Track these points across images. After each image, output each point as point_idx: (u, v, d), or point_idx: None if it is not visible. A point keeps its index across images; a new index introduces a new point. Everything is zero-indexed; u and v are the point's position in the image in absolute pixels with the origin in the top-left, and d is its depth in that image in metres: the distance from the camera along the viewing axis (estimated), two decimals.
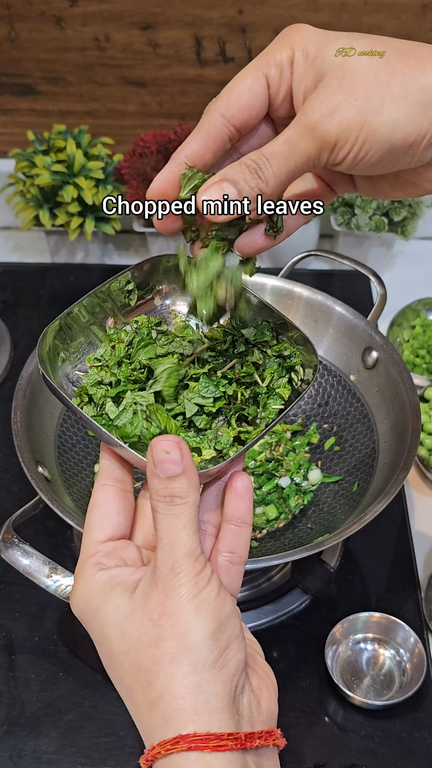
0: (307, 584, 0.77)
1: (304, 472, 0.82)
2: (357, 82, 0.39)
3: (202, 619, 0.40)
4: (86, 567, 0.43)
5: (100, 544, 0.44)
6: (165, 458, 0.40)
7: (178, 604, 0.40)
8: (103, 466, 0.46)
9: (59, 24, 1.10)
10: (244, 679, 0.41)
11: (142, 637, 0.40)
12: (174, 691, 0.39)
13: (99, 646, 0.43)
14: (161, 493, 0.41)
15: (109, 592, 0.42)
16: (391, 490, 0.67)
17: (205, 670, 0.39)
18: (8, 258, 1.23)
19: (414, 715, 0.69)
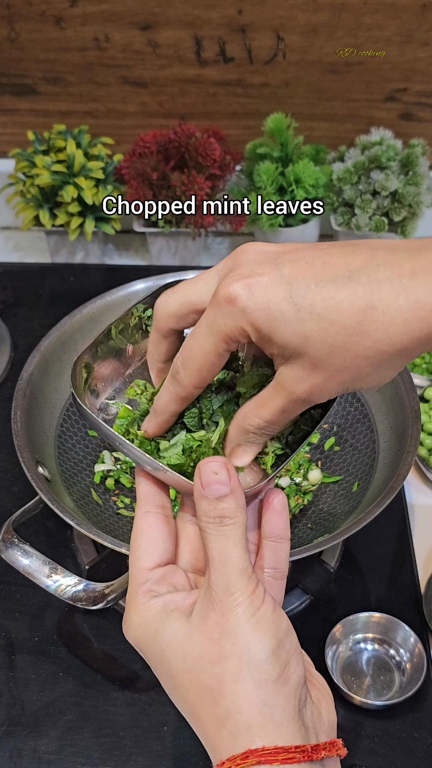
0: (307, 584, 0.77)
1: (304, 472, 0.82)
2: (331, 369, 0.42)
3: (262, 637, 0.41)
4: (138, 595, 0.44)
5: (149, 572, 0.45)
6: (213, 479, 0.42)
7: (237, 623, 0.41)
8: (142, 492, 0.47)
9: (59, 24, 1.10)
10: (306, 692, 0.43)
11: (203, 657, 0.41)
12: (241, 707, 0.40)
13: (159, 669, 0.44)
14: (210, 515, 0.42)
15: (166, 617, 0.43)
16: (391, 490, 0.67)
17: (269, 686, 0.40)
18: (8, 258, 1.23)
19: (414, 715, 0.69)
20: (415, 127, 1.17)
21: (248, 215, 1.10)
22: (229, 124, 1.18)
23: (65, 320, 0.83)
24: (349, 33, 1.08)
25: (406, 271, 0.39)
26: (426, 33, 1.07)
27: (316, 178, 1.07)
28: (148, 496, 0.47)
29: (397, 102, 1.14)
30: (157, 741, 0.68)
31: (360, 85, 1.13)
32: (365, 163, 1.07)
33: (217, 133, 1.09)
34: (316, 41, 1.09)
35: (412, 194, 1.05)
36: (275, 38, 1.09)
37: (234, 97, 1.16)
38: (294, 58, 1.11)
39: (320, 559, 0.72)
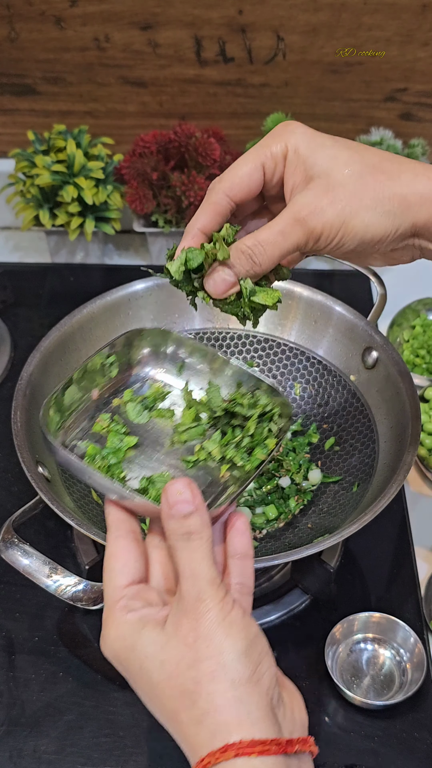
0: (307, 584, 0.77)
1: (304, 472, 0.82)
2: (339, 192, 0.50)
3: (234, 639, 0.44)
4: (115, 611, 0.46)
5: (124, 589, 0.47)
6: (179, 499, 0.45)
7: (210, 627, 0.44)
8: (112, 519, 0.49)
9: (59, 24, 1.10)
10: (278, 692, 0.45)
11: (180, 662, 0.44)
12: (218, 706, 0.43)
13: (138, 681, 0.46)
14: (178, 532, 0.46)
15: (142, 629, 0.45)
16: (390, 490, 0.67)
17: (243, 685, 0.43)
18: (8, 258, 1.23)
19: (414, 715, 0.69)
20: (415, 127, 1.17)
21: None
22: (229, 124, 1.18)
23: (65, 320, 0.83)
24: (349, 33, 1.08)
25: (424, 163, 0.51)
26: (426, 33, 1.07)
27: None
28: (118, 522, 0.49)
29: (397, 102, 1.14)
30: (157, 741, 0.68)
31: (360, 85, 1.13)
32: None
33: (217, 133, 1.09)
34: (316, 41, 1.09)
35: None
36: (275, 38, 1.09)
37: (234, 97, 1.16)
38: (294, 58, 1.11)
39: (320, 559, 0.72)
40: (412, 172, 0.50)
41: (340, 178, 0.50)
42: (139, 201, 1.07)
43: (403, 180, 0.50)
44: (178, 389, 0.62)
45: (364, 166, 0.50)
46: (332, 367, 0.85)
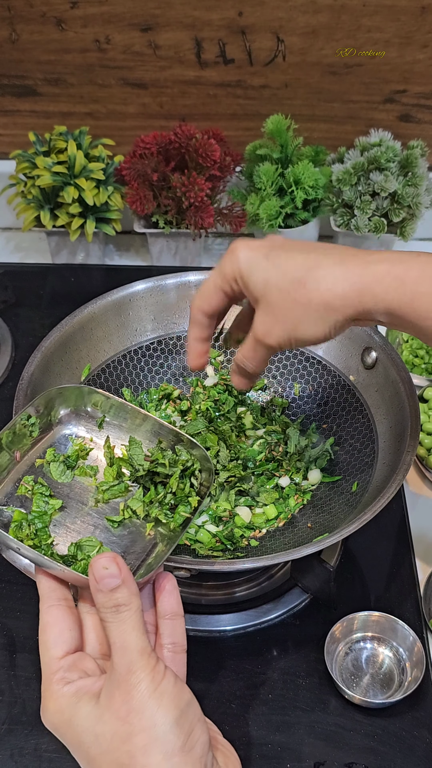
0: (307, 583, 0.77)
1: (303, 472, 0.82)
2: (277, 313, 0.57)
3: (165, 709, 0.45)
4: (52, 684, 0.47)
5: (60, 660, 0.48)
6: (105, 574, 0.47)
7: (141, 700, 0.45)
8: (43, 588, 0.51)
9: (60, 25, 1.10)
10: (212, 757, 0.46)
11: (114, 737, 0.45)
12: None
13: (77, 753, 0.47)
14: (107, 605, 0.47)
15: (77, 702, 0.46)
16: (390, 490, 0.67)
17: (176, 755, 0.44)
18: (9, 258, 1.24)
19: (413, 713, 0.70)
20: (414, 128, 1.17)
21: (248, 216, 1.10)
22: (229, 125, 1.18)
23: (66, 320, 0.83)
24: (349, 35, 1.08)
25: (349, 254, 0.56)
26: (425, 35, 1.08)
27: (315, 179, 1.07)
28: (50, 591, 0.51)
29: (397, 103, 1.15)
30: None
31: (359, 87, 1.13)
32: (365, 165, 1.07)
33: (217, 135, 1.09)
34: (316, 43, 1.09)
35: (412, 195, 1.06)
36: (275, 40, 1.10)
37: (234, 98, 1.16)
38: (294, 60, 1.11)
39: (320, 559, 0.72)
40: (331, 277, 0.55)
41: (274, 300, 0.57)
42: (140, 202, 1.08)
43: (323, 288, 0.55)
44: (100, 445, 0.64)
45: (290, 284, 0.56)
46: (332, 367, 0.86)
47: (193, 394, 0.88)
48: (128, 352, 0.87)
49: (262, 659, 0.74)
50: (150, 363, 0.88)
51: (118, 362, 0.86)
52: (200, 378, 0.90)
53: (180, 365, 0.90)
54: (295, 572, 0.77)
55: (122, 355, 0.86)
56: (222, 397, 0.87)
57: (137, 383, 0.87)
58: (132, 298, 0.86)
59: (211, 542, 0.76)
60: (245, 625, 0.76)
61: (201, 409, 0.85)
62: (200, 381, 0.89)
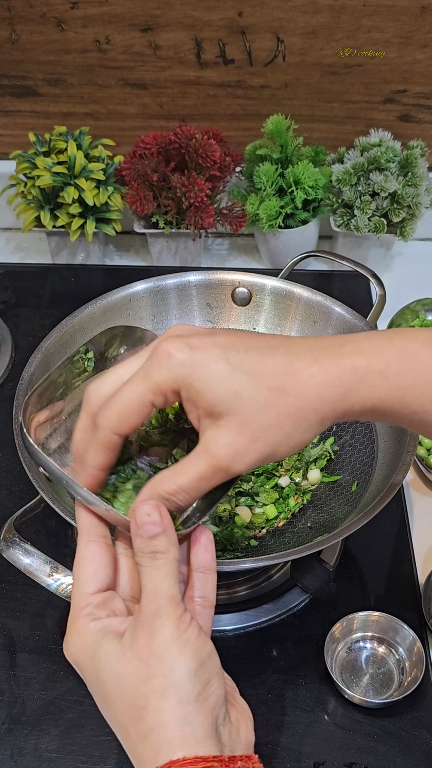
0: (307, 583, 0.77)
1: (303, 472, 0.82)
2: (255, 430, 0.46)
3: (186, 658, 0.45)
4: (80, 618, 0.48)
5: (91, 596, 0.48)
6: (147, 520, 0.46)
7: (163, 644, 0.45)
8: (83, 523, 0.50)
9: (60, 26, 1.10)
10: (225, 712, 0.46)
11: (133, 677, 0.45)
12: (164, 723, 0.44)
13: (94, 689, 0.47)
14: (145, 551, 0.47)
15: (102, 639, 0.46)
16: (390, 490, 0.67)
17: (190, 704, 0.44)
18: (9, 259, 1.24)
19: (413, 713, 0.70)
20: (414, 128, 1.17)
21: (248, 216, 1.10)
22: (229, 125, 1.18)
23: (66, 321, 0.83)
24: (349, 35, 1.08)
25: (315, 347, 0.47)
26: (425, 35, 1.08)
27: (315, 179, 1.07)
28: (90, 526, 0.50)
29: (396, 104, 1.15)
30: None
31: (359, 87, 1.13)
32: (364, 165, 1.07)
33: (217, 135, 1.09)
34: (316, 43, 1.09)
35: (412, 195, 1.06)
36: (275, 40, 1.10)
37: (234, 98, 1.16)
38: (294, 60, 1.11)
39: (320, 559, 0.72)
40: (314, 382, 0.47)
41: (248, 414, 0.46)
42: (140, 202, 1.08)
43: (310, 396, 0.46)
44: None
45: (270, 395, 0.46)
46: None
47: None
48: None
49: (262, 659, 0.74)
50: None
51: None
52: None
53: None
54: (295, 572, 0.77)
55: None
56: None
57: None
58: (132, 298, 0.87)
59: None
60: (245, 625, 0.76)
61: None
62: None
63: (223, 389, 0.45)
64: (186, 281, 0.88)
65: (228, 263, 1.19)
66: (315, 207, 1.12)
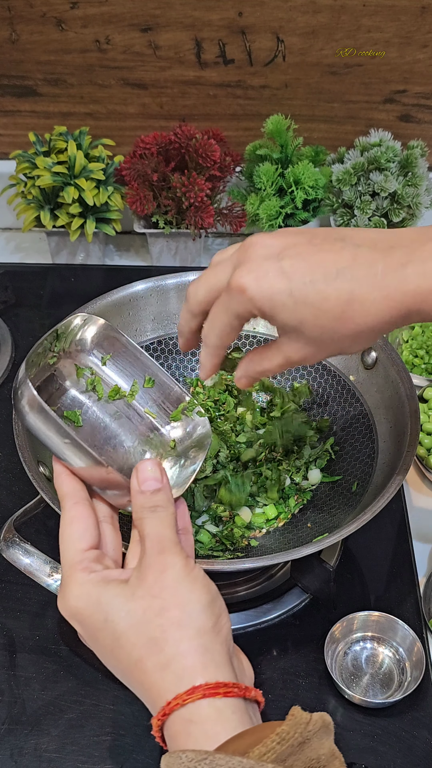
0: (307, 583, 0.77)
1: (303, 472, 0.82)
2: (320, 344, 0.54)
3: (199, 593, 0.47)
4: (77, 571, 0.49)
5: (85, 552, 0.51)
6: (149, 476, 0.51)
7: (175, 579, 0.47)
8: (68, 488, 0.54)
9: (60, 26, 1.10)
10: (233, 645, 0.49)
11: (147, 611, 0.46)
12: (184, 651, 0.45)
13: (101, 634, 0.48)
14: (146, 505, 0.50)
15: (107, 584, 0.48)
16: (390, 490, 0.67)
17: (207, 634, 0.46)
18: (9, 259, 1.24)
19: (413, 713, 0.70)
20: (414, 128, 1.17)
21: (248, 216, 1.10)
22: (229, 125, 1.18)
23: None
24: (349, 35, 1.08)
25: (379, 270, 0.49)
26: (425, 35, 1.08)
27: (315, 179, 1.07)
28: (74, 491, 0.54)
29: (396, 104, 1.15)
30: None
31: (359, 87, 1.13)
32: (364, 165, 1.07)
33: (217, 135, 1.09)
34: (316, 43, 1.09)
35: (411, 195, 1.06)
36: (275, 40, 1.10)
37: (234, 98, 1.16)
38: (293, 60, 1.11)
39: (320, 558, 0.72)
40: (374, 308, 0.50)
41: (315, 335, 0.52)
42: (140, 202, 1.08)
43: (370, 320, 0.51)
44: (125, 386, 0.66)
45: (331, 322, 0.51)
46: (332, 367, 0.86)
47: (193, 394, 0.88)
48: None
49: (262, 659, 0.74)
50: None
51: None
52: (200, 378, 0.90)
53: (180, 365, 0.90)
54: (295, 572, 0.77)
55: None
56: (222, 397, 0.87)
57: None
58: (132, 298, 0.87)
59: (211, 542, 0.76)
60: (245, 625, 0.76)
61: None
62: (200, 381, 0.89)
63: (289, 318, 0.51)
64: (186, 281, 0.88)
65: None
66: (315, 207, 1.12)
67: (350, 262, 0.50)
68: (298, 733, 0.44)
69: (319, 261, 0.50)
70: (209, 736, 0.43)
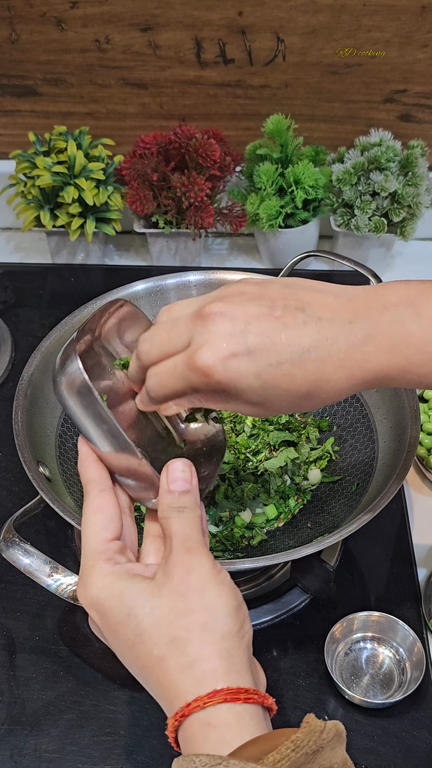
0: (307, 583, 0.77)
1: (303, 472, 0.82)
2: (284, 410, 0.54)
3: (227, 596, 0.47)
4: (100, 562, 0.48)
5: (109, 543, 0.49)
6: (179, 476, 0.50)
7: (202, 580, 0.46)
8: (93, 475, 0.51)
9: (60, 25, 1.10)
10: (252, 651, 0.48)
11: (172, 610, 0.46)
12: (208, 654, 0.45)
13: (122, 628, 0.47)
14: (173, 505, 0.49)
15: (132, 578, 0.47)
16: (390, 490, 0.67)
17: (232, 639, 0.46)
18: (9, 259, 1.24)
19: (413, 713, 0.70)
20: (414, 128, 1.17)
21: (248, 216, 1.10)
22: (229, 125, 1.18)
23: (66, 320, 0.83)
24: (349, 34, 1.08)
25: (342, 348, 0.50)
26: (425, 34, 1.08)
27: (315, 179, 1.07)
28: (100, 478, 0.51)
29: (397, 103, 1.15)
30: (158, 739, 0.68)
31: (359, 87, 1.13)
32: (365, 164, 1.07)
33: (217, 135, 1.09)
34: (316, 43, 1.09)
35: (412, 195, 1.06)
36: (275, 40, 1.10)
37: (234, 98, 1.16)
38: (294, 60, 1.11)
39: (320, 559, 0.72)
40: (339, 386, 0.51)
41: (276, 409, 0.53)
42: (140, 202, 1.08)
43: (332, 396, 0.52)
44: None
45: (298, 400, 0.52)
46: None
47: None
48: None
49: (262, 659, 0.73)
50: None
51: None
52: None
53: None
54: (295, 572, 0.77)
55: None
56: None
57: None
58: (132, 298, 0.86)
59: (211, 542, 0.76)
60: None
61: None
62: None
63: (253, 397, 0.51)
64: (186, 281, 0.88)
65: (228, 263, 1.19)
66: (315, 207, 1.12)
67: (314, 340, 0.50)
68: (312, 741, 0.43)
69: (285, 341, 0.49)
70: (226, 740, 0.43)
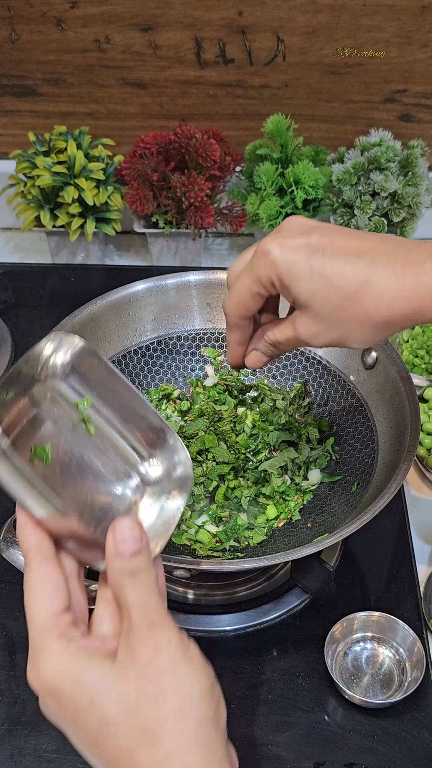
0: (307, 583, 0.77)
1: (303, 472, 0.82)
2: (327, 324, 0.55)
3: (199, 675, 0.42)
4: (52, 641, 0.42)
5: (59, 615, 0.43)
6: (127, 535, 0.44)
7: (172, 660, 0.42)
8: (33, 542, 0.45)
9: (60, 25, 1.10)
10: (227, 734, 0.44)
11: (141, 696, 0.41)
12: (185, 748, 0.40)
13: (84, 718, 0.41)
14: (125, 570, 0.43)
15: (90, 660, 0.42)
16: (390, 490, 0.67)
17: (208, 725, 0.41)
18: (9, 259, 1.24)
19: (413, 714, 0.70)
20: (414, 128, 1.17)
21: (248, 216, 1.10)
22: (229, 125, 1.18)
23: (66, 321, 0.83)
24: (349, 34, 1.08)
25: (399, 261, 0.51)
26: (425, 34, 1.08)
27: (315, 179, 1.07)
28: (41, 546, 0.45)
29: (397, 103, 1.15)
30: None
31: (359, 87, 1.13)
32: (365, 164, 1.07)
33: (217, 135, 1.09)
34: (316, 43, 1.09)
35: (412, 195, 1.06)
36: (275, 40, 1.10)
37: (234, 98, 1.16)
38: (294, 60, 1.11)
39: (320, 559, 0.72)
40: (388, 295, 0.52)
41: (324, 312, 0.54)
42: (140, 202, 1.08)
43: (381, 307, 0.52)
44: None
45: (342, 300, 0.53)
46: (332, 367, 0.86)
47: (193, 394, 0.88)
48: (128, 352, 0.87)
49: (262, 659, 0.74)
50: (150, 363, 0.88)
51: (117, 362, 0.86)
52: (200, 378, 0.90)
53: (180, 365, 0.89)
54: (295, 572, 0.77)
55: (122, 355, 0.86)
56: (222, 397, 0.87)
57: (137, 383, 0.87)
58: (132, 298, 0.86)
59: (211, 542, 0.76)
60: (245, 625, 0.76)
61: (204, 410, 0.85)
62: (200, 381, 0.89)
63: (303, 288, 0.53)
64: (186, 281, 0.88)
65: (228, 263, 1.19)
66: (315, 207, 1.12)
67: (374, 248, 0.52)
68: None
69: (345, 242, 0.53)
70: None
